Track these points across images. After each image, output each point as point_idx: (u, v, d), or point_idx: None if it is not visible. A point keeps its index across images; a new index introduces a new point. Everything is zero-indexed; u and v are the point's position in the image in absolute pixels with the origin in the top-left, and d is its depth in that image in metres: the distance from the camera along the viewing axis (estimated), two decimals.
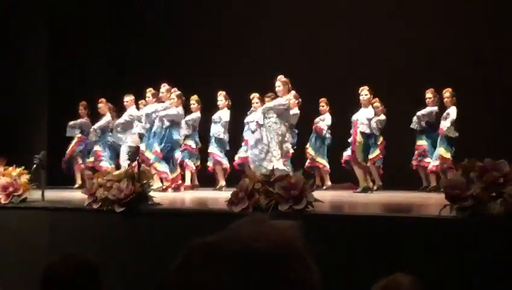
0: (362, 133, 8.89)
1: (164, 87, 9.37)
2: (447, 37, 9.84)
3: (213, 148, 9.66)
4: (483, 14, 9.78)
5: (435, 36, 9.90)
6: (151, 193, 5.49)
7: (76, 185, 9.97)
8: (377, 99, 9.33)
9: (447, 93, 9.01)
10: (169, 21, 11.52)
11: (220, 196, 7.40)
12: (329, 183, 9.56)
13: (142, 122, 9.44)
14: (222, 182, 9.52)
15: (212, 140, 9.66)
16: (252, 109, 9.61)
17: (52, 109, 10.74)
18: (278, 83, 8.45)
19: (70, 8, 11.24)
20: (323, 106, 9.86)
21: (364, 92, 8.97)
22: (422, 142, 9.30)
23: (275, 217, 1.00)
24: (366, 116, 8.91)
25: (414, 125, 9.30)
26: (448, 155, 8.77)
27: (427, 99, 9.16)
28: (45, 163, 6.75)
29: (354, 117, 8.99)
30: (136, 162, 5.18)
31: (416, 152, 9.34)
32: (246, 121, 9.67)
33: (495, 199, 4.38)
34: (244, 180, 4.88)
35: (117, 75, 11.63)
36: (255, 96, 9.62)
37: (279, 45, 10.79)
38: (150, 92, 9.48)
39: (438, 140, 8.96)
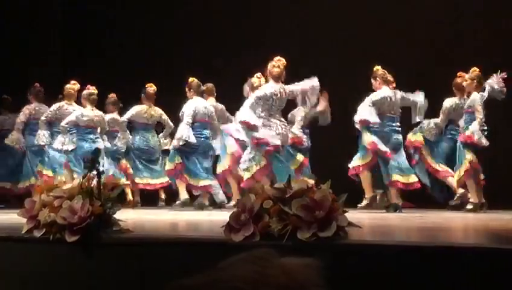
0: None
1: (75, 85, 9.51)
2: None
3: None
4: None
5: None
6: (117, 216, 4.76)
7: None
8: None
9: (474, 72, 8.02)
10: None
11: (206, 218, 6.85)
12: None
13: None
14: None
15: None
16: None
17: None
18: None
19: None
20: None
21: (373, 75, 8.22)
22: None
23: (291, 249, 0.38)
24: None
25: (430, 133, 8.51)
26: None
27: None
28: None
29: None
30: (95, 172, 4.46)
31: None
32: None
33: None
34: (248, 196, 4.16)
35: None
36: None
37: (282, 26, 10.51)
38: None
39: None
